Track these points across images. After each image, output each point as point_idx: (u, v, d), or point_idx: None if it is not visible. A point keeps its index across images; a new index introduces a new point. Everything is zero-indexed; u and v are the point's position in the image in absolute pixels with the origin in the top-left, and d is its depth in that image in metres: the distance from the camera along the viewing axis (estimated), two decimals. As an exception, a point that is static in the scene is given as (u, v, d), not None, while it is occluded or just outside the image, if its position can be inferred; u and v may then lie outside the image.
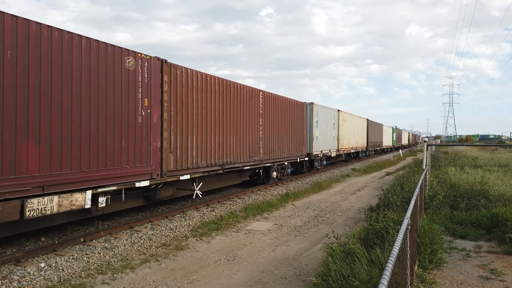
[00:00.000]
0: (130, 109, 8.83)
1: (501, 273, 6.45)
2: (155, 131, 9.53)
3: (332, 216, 11.63)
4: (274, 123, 16.80)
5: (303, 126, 20.65)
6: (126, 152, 8.73)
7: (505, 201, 10.57)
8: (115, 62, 8.42)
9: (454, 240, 8.36)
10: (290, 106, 18.79)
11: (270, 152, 16.34)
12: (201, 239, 8.88)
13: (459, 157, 18.22)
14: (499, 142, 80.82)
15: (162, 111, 9.79)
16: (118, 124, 8.53)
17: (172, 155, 10.10)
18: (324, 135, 23.97)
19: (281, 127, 17.54)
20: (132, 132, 8.85)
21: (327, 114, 24.79)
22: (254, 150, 14.88)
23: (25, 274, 6.38)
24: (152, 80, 9.46)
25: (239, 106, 13.75)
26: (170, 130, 10.09)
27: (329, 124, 25.30)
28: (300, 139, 19.95)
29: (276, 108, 17.08)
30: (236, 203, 13.17)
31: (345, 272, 5.42)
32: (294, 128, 19.19)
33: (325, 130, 24.31)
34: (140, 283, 6.31)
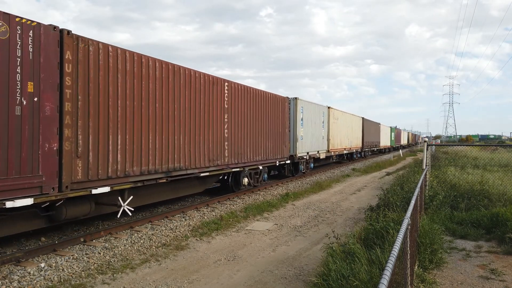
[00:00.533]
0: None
1: (501, 273, 6.45)
2: (48, 128, 6.99)
3: (332, 216, 11.63)
4: (245, 120, 14.18)
5: (285, 124, 17.91)
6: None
7: (505, 201, 10.57)
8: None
9: (454, 240, 8.36)
10: (268, 101, 16.08)
11: (240, 154, 13.77)
12: (201, 239, 8.88)
13: (459, 157, 18.21)
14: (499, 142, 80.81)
15: (63, 101, 7.25)
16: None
17: (80, 160, 7.61)
18: (311, 135, 21.61)
19: (255, 126, 14.96)
20: (2, 129, 6.35)
21: (314, 111, 22.36)
22: (217, 153, 12.28)
23: (25, 274, 6.38)
24: (43, 56, 6.90)
25: (194, 98, 11.14)
26: (76, 126, 7.55)
27: (318, 123, 22.88)
28: (280, 140, 17.36)
29: (249, 102, 14.48)
30: (236, 203, 13.17)
31: (345, 272, 5.42)
32: (273, 126, 16.59)
33: (313, 129, 21.91)
34: (140, 283, 6.31)
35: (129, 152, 8.76)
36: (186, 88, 10.83)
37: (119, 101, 8.54)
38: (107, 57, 8.27)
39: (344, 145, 29.61)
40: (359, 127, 35.28)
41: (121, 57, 8.62)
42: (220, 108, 12.59)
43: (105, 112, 8.19)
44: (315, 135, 22.43)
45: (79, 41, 7.64)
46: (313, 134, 21.98)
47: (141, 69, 9.15)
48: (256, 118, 15.18)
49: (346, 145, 30.02)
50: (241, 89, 13.95)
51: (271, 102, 16.54)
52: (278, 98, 17.23)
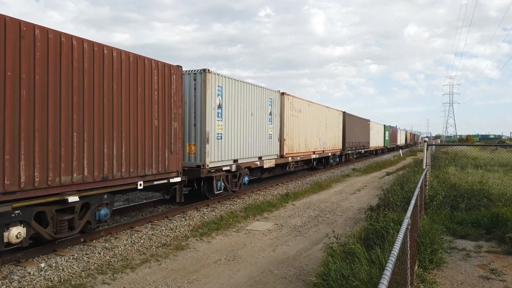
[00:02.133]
0: None
1: (501, 273, 6.45)
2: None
3: (332, 216, 11.63)
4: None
5: (176, 114, 10.46)
6: None
7: (505, 201, 10.57)
8: None
9: (454, 240, 8.36)
10: (116, 69, 8.49)
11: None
12: (201, 239, 8.88)
13: (459, 157, 18.20)
14: (499, 142, 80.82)
15: None
16: None
17: None
18: (242, 132, 14.19)
19: (70, 116, 7.42)
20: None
21: (250, 96, 14.84)
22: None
23: (25, 274, 6.38)
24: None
25: None
26: None
27: (259, 114, 15.60)
28: (161, 141, 9.89)
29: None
30: (236, 203, 13.17)
31: (345, 272, 5.42)
32: (138, 117, 9.16)
33: (246, 123, 14.50)
34: (140, 283, 6.31)
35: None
36: None
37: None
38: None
39: (313, 147, 22.30)
40: (337, 124, 28.17)
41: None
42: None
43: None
44: (252, 133, 14.97)
45: None
46: (247, 131, 14.57)
47: None
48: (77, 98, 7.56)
49: (315, 147, 22.74)
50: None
51: (127, 71, 8.77)
52: (154, 64, 9.58)
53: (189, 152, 12.01)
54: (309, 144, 21.61)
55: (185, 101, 11.82)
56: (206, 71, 11.92)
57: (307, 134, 21.33)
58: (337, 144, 28.10)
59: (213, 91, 12.25)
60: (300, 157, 20.18)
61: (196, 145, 12.03)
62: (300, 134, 20.16)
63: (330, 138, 26.04)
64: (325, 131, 24.80)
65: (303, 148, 20.77)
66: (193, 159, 12.03)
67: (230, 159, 13.45)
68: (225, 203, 12.97)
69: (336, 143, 27.93)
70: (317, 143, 23.26)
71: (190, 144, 12.04)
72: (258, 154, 15.62)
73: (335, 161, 28.25)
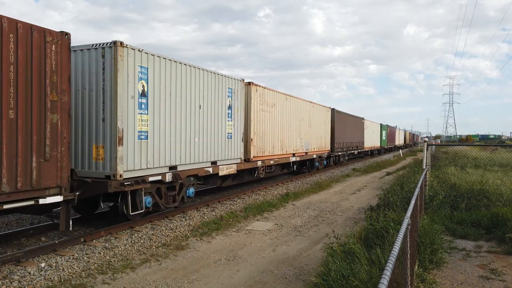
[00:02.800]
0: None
1: (501, 273, 6.46)
2: None
3: (332, 216, 11.64)
4: None
5: (56, 103, 7.34)
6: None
7: (505, 201, 10.57)
8: None
9: (454, 240, 8.36)
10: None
11: None
12: (201, 239, 8.89)
13: (459, 157, 18.20)
14: (499, 142, 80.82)
15: None
16: None
17: None
18: (183, 130, 10.88)
19: None
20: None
21: (199, 85, 11.51)
22: None
23: (25, 274, 6.39)
24: None
25: None
26: None
27: (212, 108, 12.16)
28: (21, 142, 6.76)
29: None
30: (236, 203, 13.17)
31: (345, 272, 5.42)
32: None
33: (191, 119, 11.18)
34: (140, 283, 6.31)
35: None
36: None
37: None
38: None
39: (292, 149, 19.01)
40: (324, 122, 24.70)
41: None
42: None
43: None
44: (201, 132, 11.61)
45: None
46: (192, 129, 11.20)
47: None
48: None
49: (296, 148, 19.48)
50: None
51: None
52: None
53: (96, 157, 8.78)
54: (287, 145, 18.23)
55: (92, 87, 8.77)
56: (118, 45, 8.49)
57: (284, 134, 17.95)
58: (324, 144, 24.55)
59: (131, 74, 8.91)
60: (274, 160, 16.78)
61: (105, 148, 8.69)
62: (274, 134, 16.79)
63: (315, 138, 22.63)
64: (308, 130, 21.39)
65: (279, 149, 17.34)
66: (101, 167, 8.74)
67: (163, 166, 10.06)
68: (225, 203, 12.97)
69: (323, 143, 24.40)
70: (298, 143, 19.85)
71: (97, 146, 8.77)
72: (211, 158, 12.09)
73: (322, 164, 24.53)
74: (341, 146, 28.56)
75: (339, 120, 27.88)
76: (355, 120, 33.87)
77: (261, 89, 15.57)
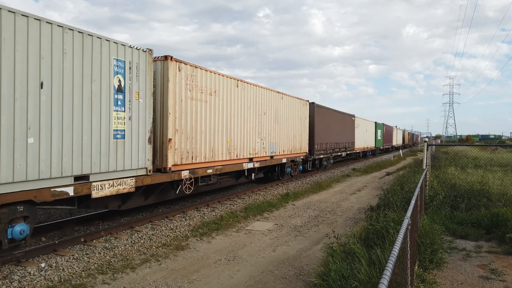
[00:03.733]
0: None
1: (501, 273, 6.45)
2: None
3: (332, 216, 11.63)
4: None
5: None
6: None
7: (505, 201, 10.57)
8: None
9: (454, 240, 8.36)
10: None
11: None
12: (201, 239, 8.89)
13: (459, 157, 18.20)
14: (499, 142, 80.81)
15: None
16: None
17: None
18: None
19: None
20: None
21: (46, 47, 6.83)
22: None
23: (25, 274, 6.39)
24: None
25: None
26: None
27: (79, 88, 7.55)
28: None
29: None
30: (237, 203, 13.17)
31: (345, 272, 5.42)
32: None
33: (27, 105, 6.55)
34: (140, 283, 6.31)
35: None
36: None
37: None
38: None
39: (247, 152, 14.43)
40: (300, 119, 20.26)
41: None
42: None
43: None
44: (44, 126, 6.91)
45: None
46: (20, 123, 6.49)
47: None
48: None
49: (254, 151, 14.97)
50: None
51: None
52: None
53: None
54: (238, 147, 13.65)
55: None
56: None
57: (233, 132, 13.33)
58: (299, 146, 20.02)
59: None
60: (215, 169, 12.13)
61: None
62: (215, 132, 12.23)
63: (285, 138, 18.14)
64: (275, 127, 16.84)
65: (223, 154, 12.72)
66: None
67: None
68: (225, 203, 12.97)
69: (298, 144, 19.90)
70: (258, 145, 15.28)
71: None
72: (74, 170, 7.46)
73: (297, 170, 20.12)
74: (324, 148, 23.95)
75: (320, 117, 23.27)
76: (343, 118, 29.23)
77: (189, 68, 10.82)
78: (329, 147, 25.37)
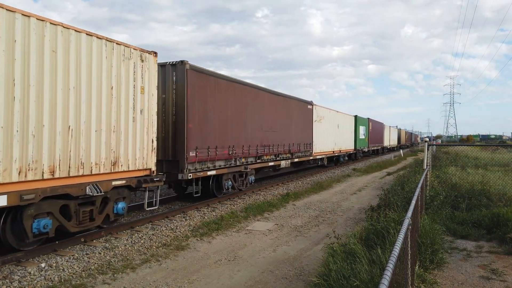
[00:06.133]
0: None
1: (502, 273, 6.44)
2: None
3: (332, 216, 11.62)
4: None
5: None
6: None
7: (506, 201, 10.56)
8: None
9: (455, 240, 8.35)
10: None
11: None
12: (201, 239, 8.88)
13: (460, 157, 18.19)
14: (500, 142, 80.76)
15: None
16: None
17: None
18: None
19: None
20: None
21: None
22: None
23: (25, 274, 6.38)
24: None
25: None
26: None
27: None
28: None
29: None
30: (237, 203, 13.16)
31: (346, 272, 5.41)
32: None
33: None
34: (140, 283, 6.31)
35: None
36: None
37: None
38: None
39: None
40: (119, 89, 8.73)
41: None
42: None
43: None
44: None
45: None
46: None
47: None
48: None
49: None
50: None
51: None
52: None
53: None
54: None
55: None
56: None
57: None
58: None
59: None
60: None
61: None
62: None
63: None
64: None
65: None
66: None
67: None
68: (225, 203, 12.97)
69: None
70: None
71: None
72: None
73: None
74: (204, 157, 11.75)
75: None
76: (285, 104, 18.19)
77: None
78: (239, 152, 13.84)
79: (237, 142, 13.77)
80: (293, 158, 19.36)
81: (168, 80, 11.19)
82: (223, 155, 12.88)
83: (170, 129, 11.16)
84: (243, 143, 14.22)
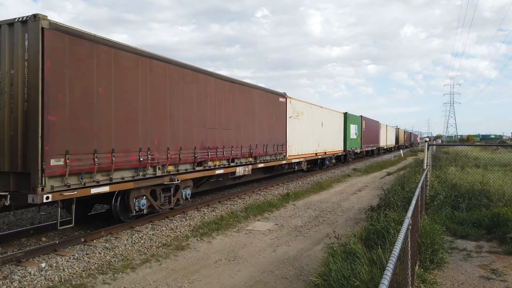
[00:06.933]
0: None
1: (502, 273, 6.44)
2: None
3: (332, 216, 11.62)
4: None
5: None
6: None
7: (506, 201, 10.55)
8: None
9: (455, 240, 8.35)
10: None
11: None
12: (201, 239, 8.88)
13: (460, 157, 18.19)
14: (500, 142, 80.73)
15: None
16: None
17: None
18: None
19: None
20: None
21: None
22: None
23: (26, 274, 6.38)
24: None
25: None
26: None
27: None
28: None
29: None
30: (237, 203, 13.16)
31: (346, 272, 5.41)
32: None
33: None
34: (140, 283, 6.31)
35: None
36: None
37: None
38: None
39: None
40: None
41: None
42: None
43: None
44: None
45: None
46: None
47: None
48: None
49: None
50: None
51: None
52: None
53: None
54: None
55: None
56: None
57: None
58: None
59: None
60: None
61: None
62: None
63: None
64: None
65: None
66: None
67: None
68: (225, 203, 12.97)
69: None
70: None
71: None
72: None
73: None
74: (86, 167, 7.86)
75: (92, 66, 8.08)
76: (244, 93, 14.49)
77: None
78: (161, 157, 10.01)
79: (157, 143, 9.79)
80: (257, 163, 15.27)
81: (17, 47, 7.19)
82: (127, 162, 8.86)
83: (20, 123, 7.16)
84: (169, 145, 10.22)
